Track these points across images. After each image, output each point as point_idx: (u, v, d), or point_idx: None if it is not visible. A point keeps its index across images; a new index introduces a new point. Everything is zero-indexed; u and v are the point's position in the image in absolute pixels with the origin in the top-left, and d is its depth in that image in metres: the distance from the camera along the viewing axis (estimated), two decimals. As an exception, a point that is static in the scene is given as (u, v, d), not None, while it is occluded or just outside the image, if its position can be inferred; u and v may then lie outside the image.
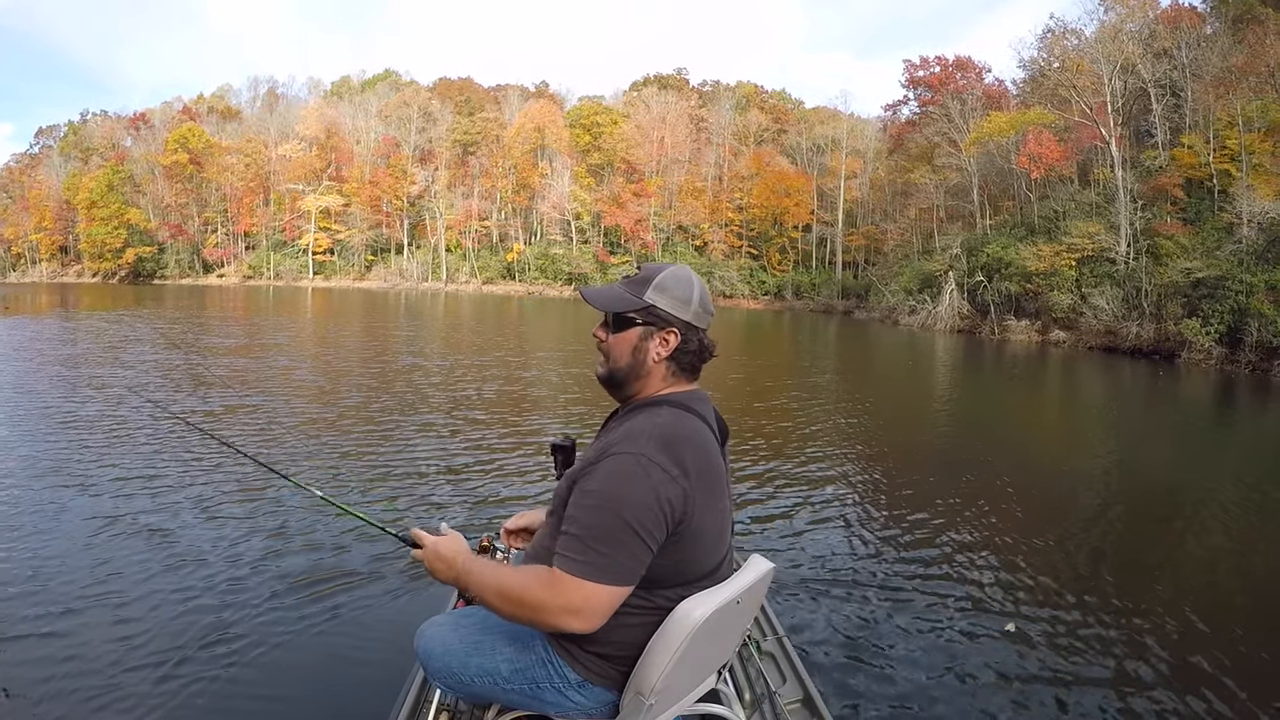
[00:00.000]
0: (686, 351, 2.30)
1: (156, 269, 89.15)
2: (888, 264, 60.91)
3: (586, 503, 2.04)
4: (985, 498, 9.01)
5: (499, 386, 16.76)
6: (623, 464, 2.03)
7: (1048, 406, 20.00)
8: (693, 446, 2.13)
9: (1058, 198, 43.99)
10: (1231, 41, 39.06)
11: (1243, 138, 35.55)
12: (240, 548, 6.39)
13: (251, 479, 8.25)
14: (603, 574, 1.98)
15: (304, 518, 7.13)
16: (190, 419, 9.77)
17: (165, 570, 5.89)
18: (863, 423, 14.49)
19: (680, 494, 2.04)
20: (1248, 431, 16.85)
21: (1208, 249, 32.87)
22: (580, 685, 2.25)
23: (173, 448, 9.77)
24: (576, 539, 2.01)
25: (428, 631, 2.53)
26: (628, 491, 2.00)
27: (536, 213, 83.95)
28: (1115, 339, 33.64)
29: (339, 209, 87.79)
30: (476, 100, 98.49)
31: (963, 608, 5.82)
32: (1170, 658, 5.13)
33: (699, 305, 2.30)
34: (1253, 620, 5.84)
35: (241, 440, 10.28)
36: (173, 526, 6.85)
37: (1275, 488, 10.26)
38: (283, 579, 5.79)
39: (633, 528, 1.98)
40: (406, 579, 5.79)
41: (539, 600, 2.01)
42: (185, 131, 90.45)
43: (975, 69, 65.61)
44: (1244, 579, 7.04)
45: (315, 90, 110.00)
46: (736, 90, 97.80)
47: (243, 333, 27.60)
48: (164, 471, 8.66)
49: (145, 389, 14.39)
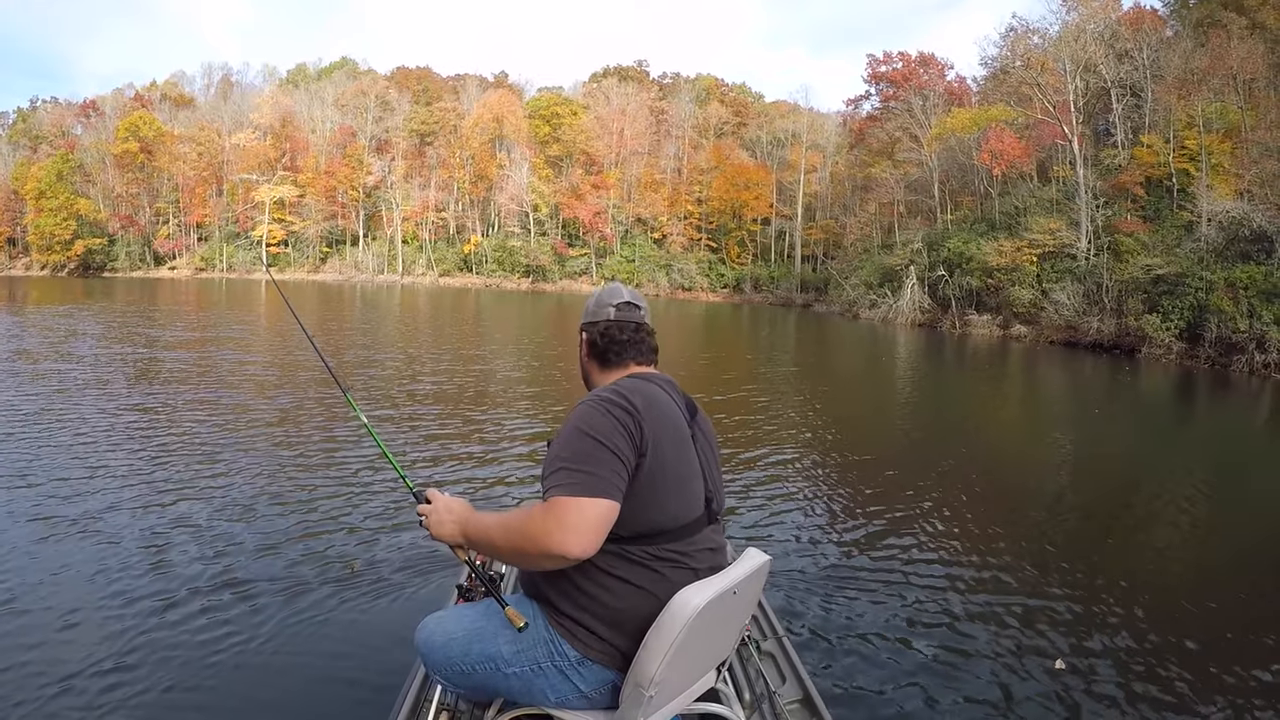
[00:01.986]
0: (595, 343, 2.64)
1: (106, 261, 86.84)
2: (847, 258, 61.12)
3: (558, 442, 2.25)
4: (967, 494, 9.10)
5: (459, 380, 16.65)
6: (579, 409, 2.28)
7: (1018, 401, 20.11)
8: (641, 395, 2.33)
9: (1018, 194, 44.45)
10: (1194, 44, 39.52)
11: (1202, 139, 36.02)
12: (239, 548, 6.28)
13: (245, 477, 8.22)
14: (590, 489, 2.11)
15: (303, 517, 7.07)
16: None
17: (163, 569, 5.78)
18: (838, 418, 14.52)
19: (636, 424, 2.24)
20: (1207, 426, 17.19)
21: (1167, 246, 33.34)
22: (580, 663, 2.29)
23: (167, 443, 9.64)
24: (559, 470, 2.16)
25: (429, 624, 2.59)
26: (591, 422, 2.22)
27: (494, 204, 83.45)
28: (1076, 334, 33.99)
29: (293, 200, 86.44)
30: (434, 90, 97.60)
31: (964, 609, 5.78)
32: (1166, 657, 5.15)
33: (594, 305, 2.69)
34: (1206, 606, 6.06)
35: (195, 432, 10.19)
36: (165, 524, 6.73)
37: (1229, 482, 10.76)
38: (281, 580, 5.70)
39: (605, 445, 2.17)
40: (406, 580, 5.75)
41: (539, 523, 2.11)
42: (136, 119, 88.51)
43: (938, 65, 66.18)
44: (1197, 569, 7.23)
45: (271, 78, 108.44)
46: (696, 83, 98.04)
47: (193, 331, 26.99)
48: (155, 465, 8.54)
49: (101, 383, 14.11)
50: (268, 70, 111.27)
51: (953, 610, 5.72)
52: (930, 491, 8.98)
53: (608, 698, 2.32)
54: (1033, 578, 6.39)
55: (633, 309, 2.66)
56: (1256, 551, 7.69)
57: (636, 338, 2.62)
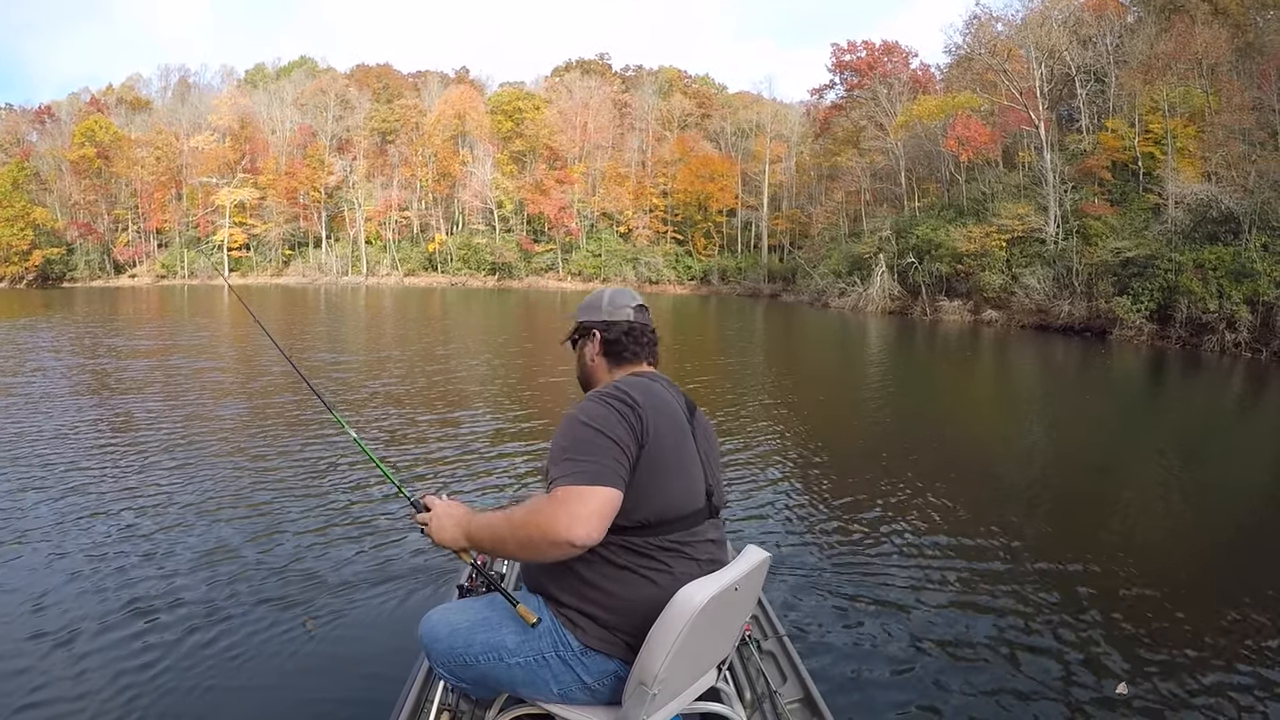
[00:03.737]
0: (612, 341, 2.68)
1: (65, 271, 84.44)
2: (814, 247, 61.14)
3: (560, 434, 2.29)
4: (951, 483, 9.09)
5: (427, 380, 16.37)
6: (581, 405, 2.34)
7: (995, 385, 20.30)
8: (640, 389, 2.40)
9: (985, 180, 44.66)
10: (1157, 29, 39.73)
11: (1167, 123, 36.27)
12: (237, 549, 6.32)
13: (242, 477, 8.30)
14: (594, 478, 2.16)
15: (301, 519, 7.11)
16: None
17: (162, 570, 5.84)
18: (814, 410, 14.67)
19: (636, 415, 2.30)
20: (1182, 405, 17.49)
21: (1136, 229, 33.62)
22: (583, 653, 2.32)
23: (143, 454, 9.45)
24: (563, 461, 2.20)
25: (433, 616, 2.62)
26: (591, 413, 2.28)
27: (458, 202, 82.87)
28: (1047, 317, 34.26)
29: (254, 202, 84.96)
30: (395, 87, 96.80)
31: (963, 608, 5.77)
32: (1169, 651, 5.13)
33: (609, 304, 2.74)
34: (1178, 583, 6.31)
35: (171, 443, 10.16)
36: (167, 526, 6.77)
37: (1197, 462, 11.15)
38: (281, 580, 5.74)
39: (605, 434, 2.22)
40: (406, 580, 5.77)
41: (547, 512, 2.13)
42: (92, 124, 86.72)
43: (902, 54, 66.34)
44: (1169, 545, 7.56)
45: (229, 78, 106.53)
46: (659, 75, 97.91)
47: (157, 340, 26.56)
48: (161, 471, 8.57)
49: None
50: (225, 71, 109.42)
51: (952, 606, 5.74)
52: (916, 483, 8.99)
53: (610, 690, 2.35)
54: (1031, 572, 6.40)
55: (646, 312, 2.79)
56: (1234, 528, 7.96)
57: (652, 339, 2.77)
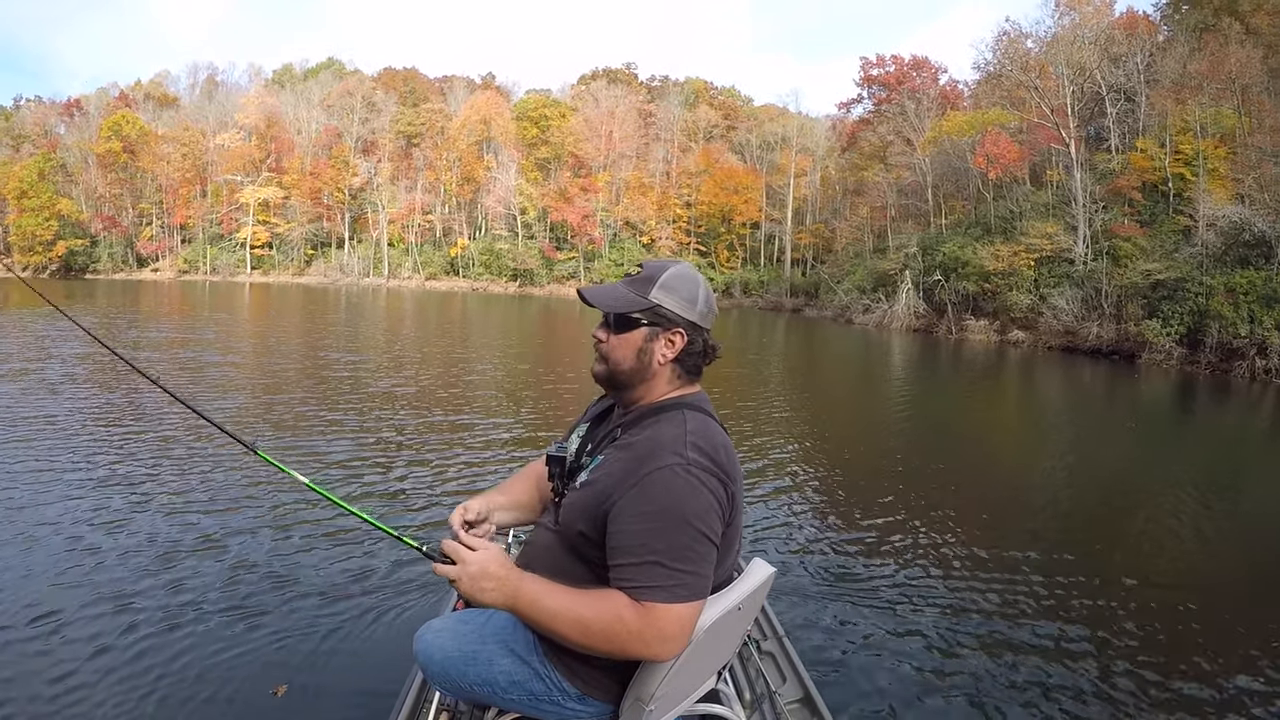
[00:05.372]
0: (692, 353, 2.24)
1: (89, 263, 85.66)
2: (838, 262, 61.01)
3: (650, 525, 1.94)
4: (970, 499, 9.25)
5: (445, 386, 16.37)
6: (673, 477, 1.96)
7: (1017, 408, 19.95)
8: (727, 451, 2.09)
9: (1013, 198, 44.17)
10: (1189, 49, 39.26)
11: (1199, 143, 35.76)
12: (236, 549, 6.28)
13: (241, 480, 8.17)
14: (692, 592, 1.93)
15: (300, 519, 7.04)
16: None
17: (159, 573, 5.76)
18: (834, 425, 14.92)
19: (728, 494, 2.02)
20: (1209, 433, 17.09)
21: (1166, 251, 33.14)
22: (580, 699, 2.18)
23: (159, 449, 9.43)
24: (658, 566, 1.91)
25: (425, 636, 2.41)
26: (688, 503, 1.94)
27: (481, 207, 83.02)
28: (1075, 339, 33.76)
29: (278, 201, 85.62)
30: (421, 91, 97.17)
31: (963, 609, 5.89)
32: (1156, 663, 5.18)
33: (705, 305, 2.24)
34: (1202, 615, 6.01)
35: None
36: (166, 528, 6.69)
37: (1230, 493, 10.75)
38: (281, 579, 5.74)
39: (706, 536, 1.95)
40: (406, 580, 5.77)
41: (634, 631, 1.90)
42: (119, 119, 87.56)
43: (931, 69, 66.02)
44: (1199, 578, 7.15)
45: (256, 78, 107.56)
46: (685, 86, 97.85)
47: (178, 333, 26.46)
48: (154, 472, 8.42)
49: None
50: (253, 70, 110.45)
51: (952, 611, 5.81)
52: (928, 498, 9.02)
53: (609, 715, 2.21)
54: (1031, 582, 6.43)
55: None
56: (1260, 560, 7.80)
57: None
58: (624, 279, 2.29)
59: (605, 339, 2.24)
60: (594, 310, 2.21)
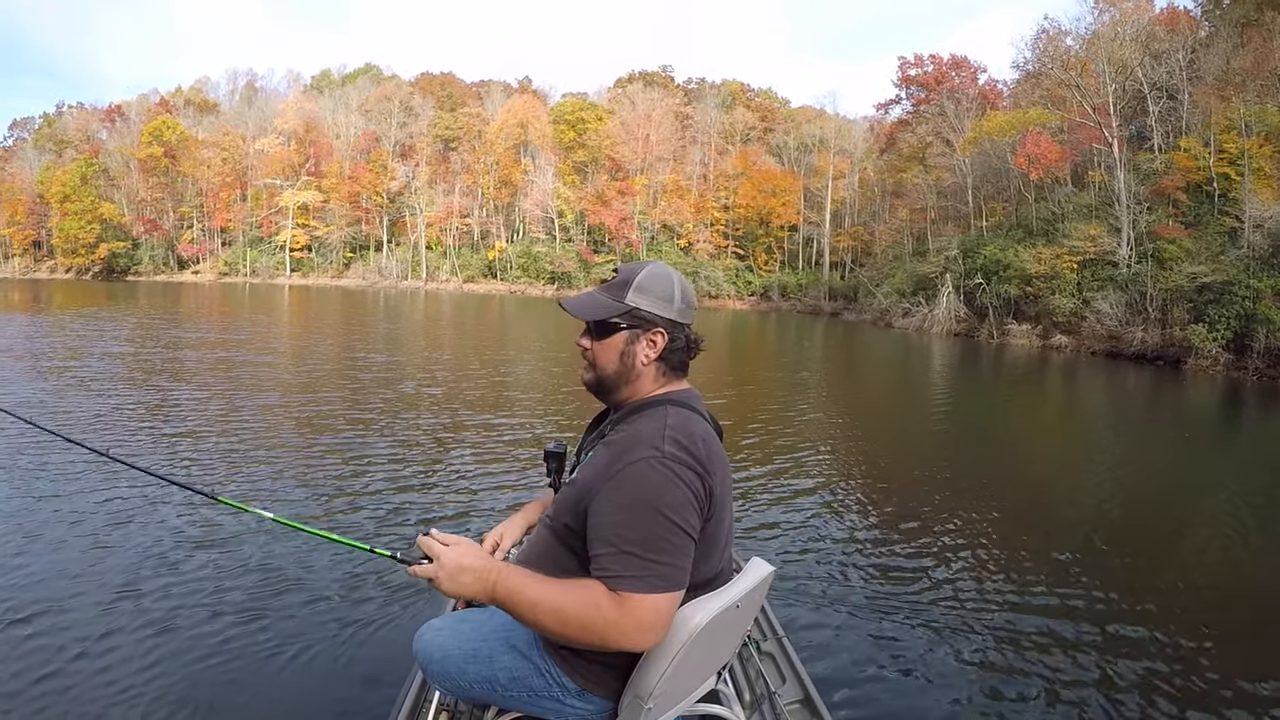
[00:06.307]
0: (674, 350, 2.26)
1: (130, 265, 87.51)
2: (877, 265, 60.47)
3: (625, 517, 1.96)
4: (989, 505, 9.07)
5: (481, 390, 16.59)
6: (649, 469, 1.98)
7: (1054, 414, 19.60)
8: (706, 444, 2.10)
9: (1054, 199, 43.41)
10: (1232, 44, 38.55)
11: (1243, 142, 35.06)
12: (236, 550, 6.39)
13: (235, 482, 8.38)
14: (668, 583, 1.93)
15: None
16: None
17: (160, 574, 5.85)
18: (867, 427, 15.01)
19: (705, 488, 2.03)
20: (1259, 442, 16.61)
21: (1212, 253, 32.40)
22: (579, 694, 2.20)
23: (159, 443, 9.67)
24: (633, 556, 1.92)
25: (425, 636, 2.44)
26: (664, 495, 1.96)
27: (519, 210, 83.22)
28: (1119, 344, 33.08)
29: (317, 205, 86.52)
30: (458, 95, 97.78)
31: (963, 611, 5.90)
32: (1157, 668, 5.15)
33: (681, 301, 2.26)
34: (1244, 634, 5.87)
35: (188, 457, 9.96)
36: (167, 530, 6.80)
37: (1272, 503, 10.17)
38: (281, 581, 5.80)
39: (680, 528, 1.95)
40: (406, 581, 5.76)
41: (611, 620, 1.90)
42: (160, 124, 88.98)
43: (970, 68, 65.42)
44: (1243, 596, 6.86)
45: (295, 84, 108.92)
46: (722, 88, 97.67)
47: (218, 335, 26.70)
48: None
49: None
50: (292, 76, 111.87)
51: (955, 614, 5.80)
52: (951, 503, 8.95)
53: (608, 713, 2.22)
54: (1037, 591, 6.38)
55: None
56: None
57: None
58: (600, 285, 2.35)
59: (589, 346, 2.29)
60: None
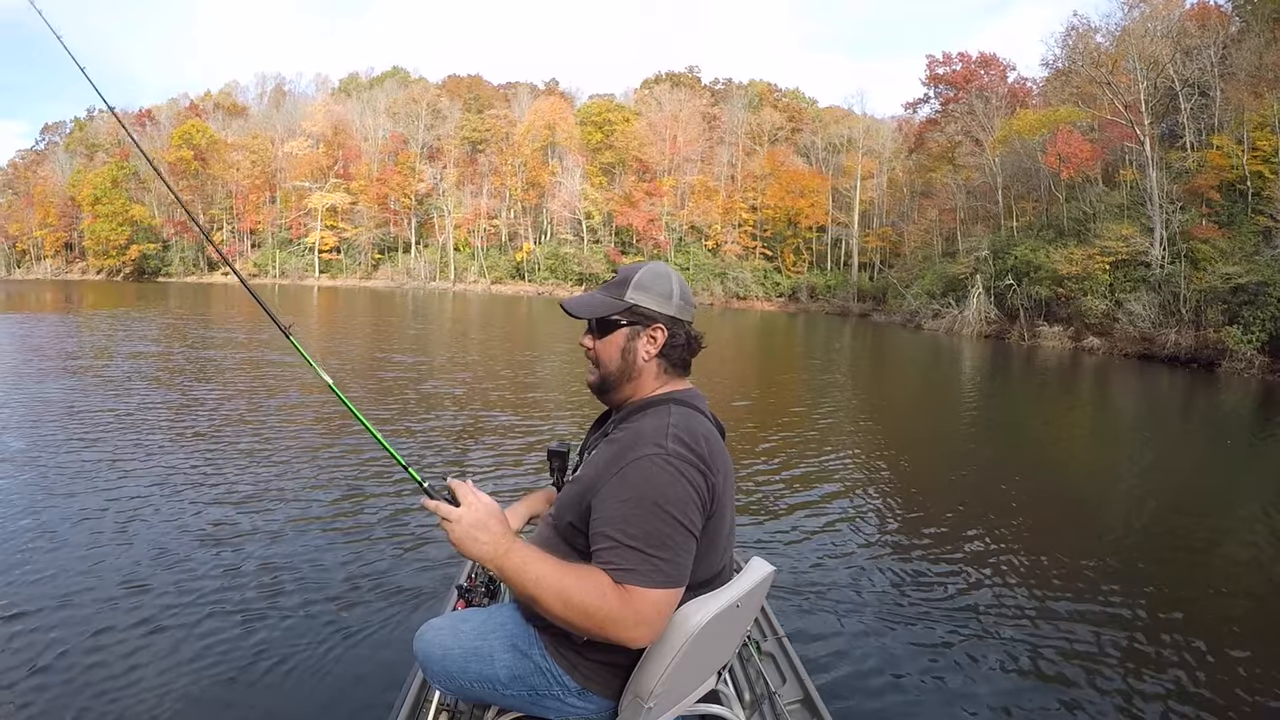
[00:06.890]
0: (675, 346, 2.28)
1: (160, 266, 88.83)
2: (907, 266, 60.14)
3: (628, 512, 1.97)
4: (1014, 511, 8.97)
5: (508, 391, 16.72)
6: (652, 466, 1.99)
7: (1085, 418, 19.17)
8: (709, 442, 2.11)
9: (1086, 199, 42.82)
10: (1265, 40, 37.95)
11: (1277, 139, 34.55)
12: (237, 550, 6.41)
13: (246, 481, 8.42)
14: (669, 579, 1.94)
15: (303, 519, 7.26)
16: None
17: (160, 573, 5.86)
18: (890, 430, 14.77)
19: (708, 485, 2.04)
20: None
21: (1246, 254, 31.87)
22: (580, 693, 2.20)
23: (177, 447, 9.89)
24: (634, 550, 1.93)
25: (425, 634, 2.44)
26: (667, 491, 1.96)
27: (546, 212, 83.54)
28: (1152, 346, 32.60)
29: (346, 207, 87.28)
30: (485, 98, 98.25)
31: (964, 613, 5.88)
32: (1176, 679, 5.02)
33: (680, 299, 2.29)
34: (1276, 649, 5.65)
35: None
36: (170, 528, 6.85)
37: None
38: (282, 580, 5.83)
39: (682, 525, 1.96)
40: (406, 581, 5.87)
41: (612, 613, 1.90)
42: (190, 128, 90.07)
43: (999, 66, 64.84)
44: (1260, 604, 6.66)
45: (323, 87, 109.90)
46: (749, 89, 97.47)
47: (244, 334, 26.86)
48: (166, 471, 8.69)
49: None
50: (320, 79, 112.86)
51: (970, 620, 5.74)
52: (974, 510, 8.86)
53: (608, 712, 2.23)
54: (1058, 599, 6.25)
55: None
56: None
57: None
58: (601, 286, 2.37)
59: (592, 345, 2.32)
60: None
